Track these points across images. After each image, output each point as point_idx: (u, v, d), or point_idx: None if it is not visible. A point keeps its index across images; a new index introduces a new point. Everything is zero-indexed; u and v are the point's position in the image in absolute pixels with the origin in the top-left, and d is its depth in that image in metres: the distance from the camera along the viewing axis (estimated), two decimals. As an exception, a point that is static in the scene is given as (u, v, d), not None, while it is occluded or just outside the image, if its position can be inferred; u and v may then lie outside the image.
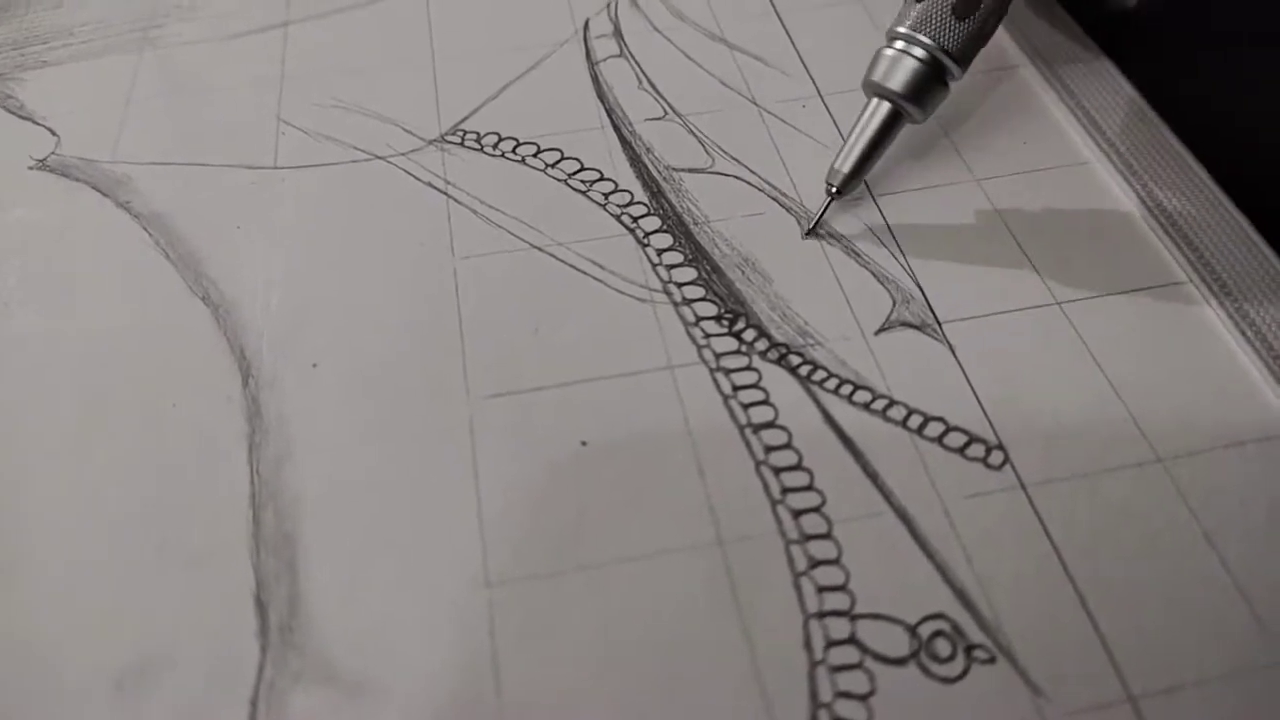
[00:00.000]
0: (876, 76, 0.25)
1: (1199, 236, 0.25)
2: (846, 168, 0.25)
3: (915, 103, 0.25)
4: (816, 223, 0.26)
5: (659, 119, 0.29)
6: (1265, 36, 0.31)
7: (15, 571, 0.21)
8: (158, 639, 0.20)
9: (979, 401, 0.22)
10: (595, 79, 0.31)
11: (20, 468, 0.22)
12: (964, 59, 0.25)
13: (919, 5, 0.25)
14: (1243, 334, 0.23)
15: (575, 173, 0.28)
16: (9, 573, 0.21)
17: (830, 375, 0.23)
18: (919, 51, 0.24)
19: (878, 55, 0.25)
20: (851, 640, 0.19)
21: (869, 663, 0.19)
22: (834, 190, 0.25)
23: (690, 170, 0.28)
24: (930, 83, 0.25)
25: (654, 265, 0.25)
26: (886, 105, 0.25)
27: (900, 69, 0.24)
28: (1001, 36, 0.31)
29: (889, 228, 0.26)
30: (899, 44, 0.25)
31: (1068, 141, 0.28)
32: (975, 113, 0.29)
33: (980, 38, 0.25)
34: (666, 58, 0.31)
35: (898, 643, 0.19)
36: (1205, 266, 0.24)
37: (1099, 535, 0.20)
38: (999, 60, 0.31)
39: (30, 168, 0.29)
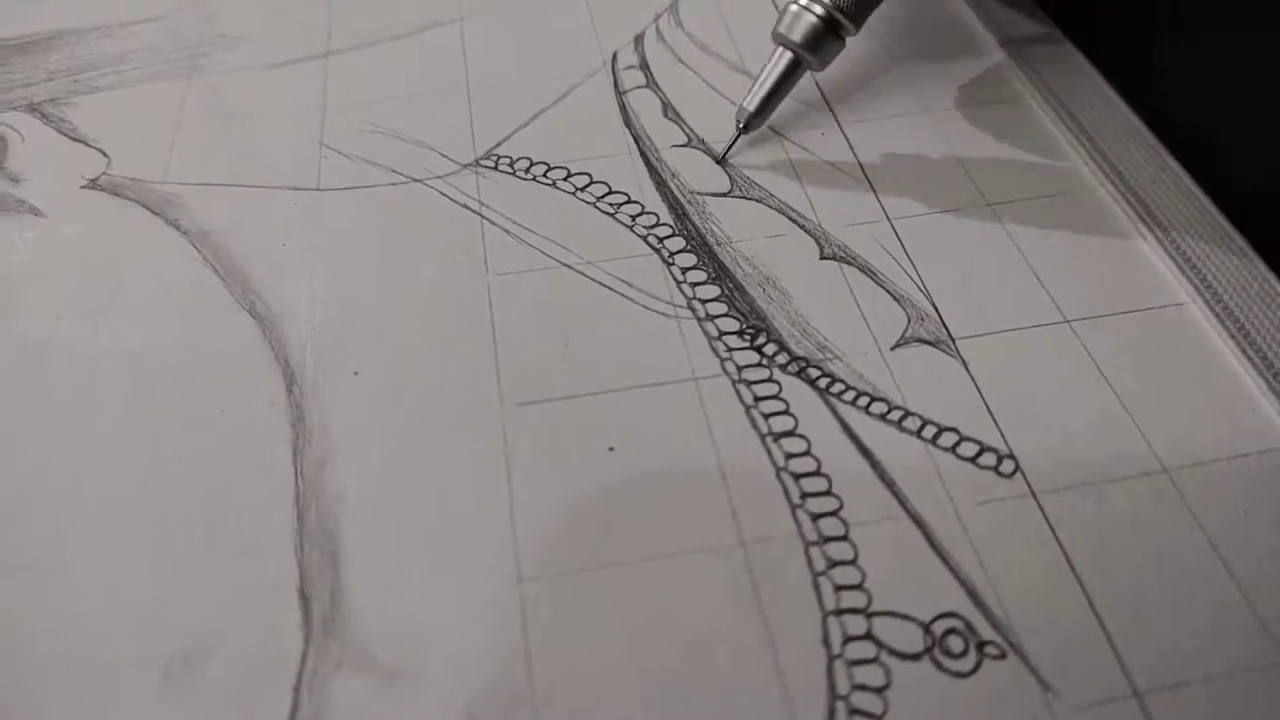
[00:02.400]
0: (781, 29, 0.29)
1: (1201, 259, 0.26)
2: (752, 106, 0.29)
3: (812, 52, 0.28)
4: (725, 154, 0.30)
5: (684, 146, 0.30)
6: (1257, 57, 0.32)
7: (70, 565, 0.22)
8: (205, 629, 0.20)
9: (991, 413, 0.23)
10: (623, 107, 0.32)
11: (76, 468, 0.23)
12: (856, 18, 0.28)
13: None
14: (1243, 351, 0.24)
15: (604, 196, 0.29)
16: (64, 566, 0.22)
17: (848, 388, 0.24)
18: (818, 9, 0.28)
19: (784, 10, 0.29)
20: (868, 636, 0.20)
21: (885, 657, 0.20)
22: (741, 126, 0.29)
23: (713, 194, 0.29)
24: (826, 36, 0.28)
25: (679, 283, 0.26)
26: (789, 54, 0.29)
27: (801, 23, 0.28)
28: (1009, 69, 0.32)
29: (904, 249, 0.27)
30: (802, 1, 0.28)
31: (1074, 170, 0.29)
32: (986, 141, 0.30)
33: (872, 1, 0.28)
34: (691, 88, 0.33)
35: (912, 639, 0.20)
36: (1207, 287, 0.25)
37: (1106, 540, 0.21)
38: (1007, 93, 0.32)
39: (82, 187, 0.30)
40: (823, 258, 0.27)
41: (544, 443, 0.23)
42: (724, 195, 0.29)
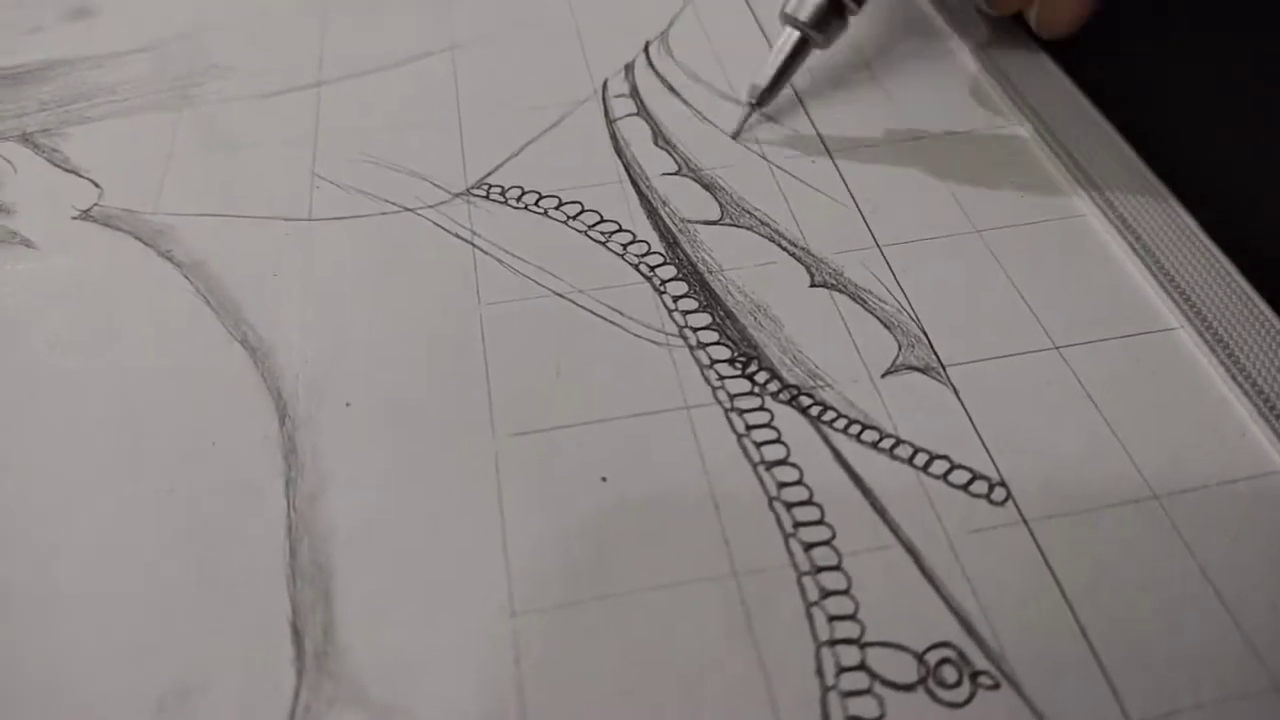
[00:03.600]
0: (789, 9, 0.31)
1: (1190, 284, 0.26)
2: (764, 83, 0.31)
3: (819, 31, 0.30)
4: (738, 131, 0.32)
5: (674, 174, 0.31)
6: (1243, 79, 0.33)
7: (61, 598, 0.21)
8: (198, 664, 0.20)
9: (982, 440, 0.23)
10: (613, 136, 0.32)
11: (67, 500, 0.23)
12: None
13: None
14: (1232, 377, 0.24)
15: (595, 224, 0.29)
16: (55, 600, 0.21)
17: (839, 415, 0.24)
18: None
19: None
20: (861, 667, 0.20)
21: (878, 688, 0.20)
22: (753, 102, 0.31)
23: (704, 222, 0.29)
24: (830, 15, 0.30)
25: (670, 311, 0.27)
26: (796, 33, 0.31)
27: (808, 3, 0.30)
28: (999, 97, 0.33)
29: (895, 276, 0.27)
30: None
31: (1064, 197, 0.29)
32: (975, 168, 0.30)
33: None
34: (681, 116, 0.33)
35: (906, 669, 0.20)
36: (1196, 313, 0.26)
37: (1098, 568, 0.21)
38: (996, 120, 0.32)
39: (74, 218, 0.30)
40: (813, 285, 0.27)
41: (537, 473, 0.23)
42: (714, 223, 0.29)
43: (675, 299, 0.27)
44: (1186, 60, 0.34)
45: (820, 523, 0.22)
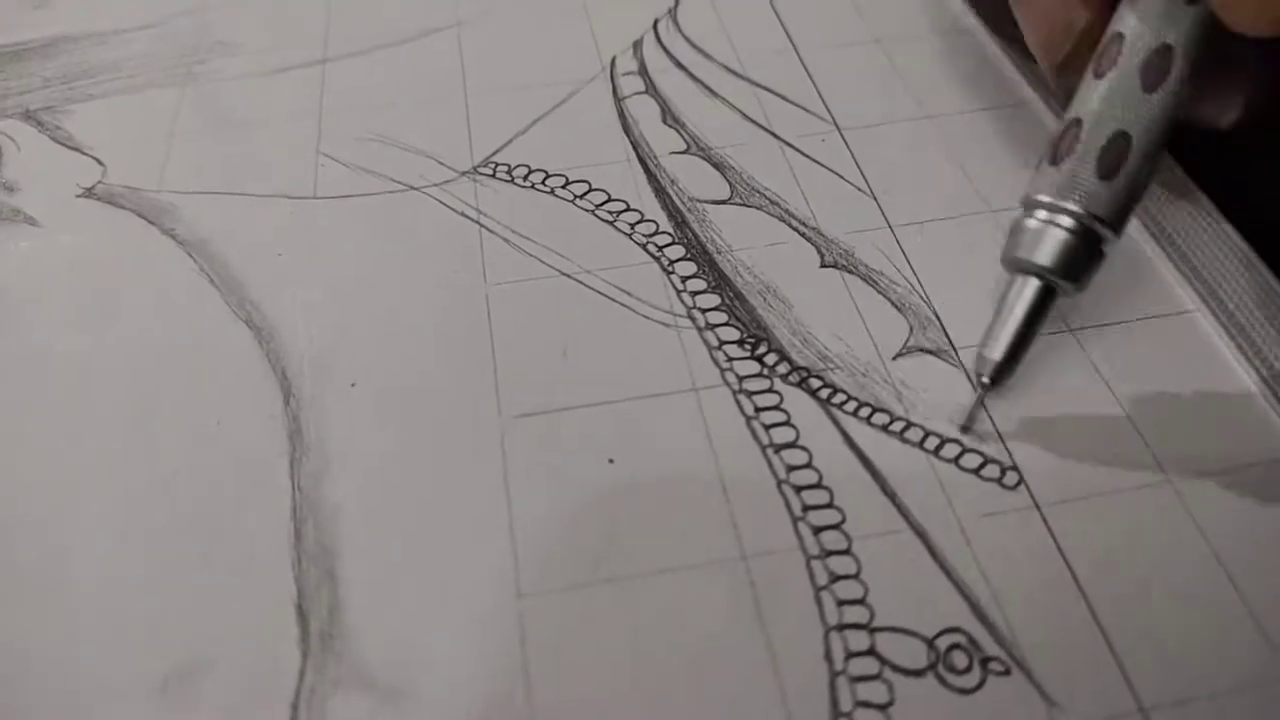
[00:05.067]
0: (1021, 252, 0.22)
1: (1206, 267, 0.26)
2: (997, 356, 0.22)
3: (1069, 279, 0.22)
4: (968, 423, 0.23)
5: (683, 152, 0.30)
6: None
7: (65, 579, 0.21)
8: (202, 645, 0.20)
9: (994, 423, 0.23)
10: (621, 114, 0.32)
11: (71, 480, 0.23)
12: (1117, 225, 0.22)
13: (1057, 169, 0.22)
14: (1248, 360, 0.24)
15: (602, 203, 0.29)
16: (59, 580, 0.21)
17: (850, 398, 0.24)
18: (1066, 221, 0.22)
19: (1016, 227, 0.22)
20: (871, 652, 0.20)
21: (888, 674, 0.19)
22: (985, 382, 0.23)
23: (713, 201, 0.29)
24: (1081, 259, 0.22)
25: (678, 292, 0.26)
26: (1035, 282, 0.22)
27: (1047, 242, 0.22)
28: (1012, 74, 0.32)
29: (906, 257, 0.27)
30: (1041, 215, 0.22)
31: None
32: (989, 147, 0.30)
33: (1131, 198, 0.22)
34: (690, 94, 0.32)
35: (916, 655, 0.20)
36: (1212, 296, 0.25)
37: (1111, 553, 0.21)
38: (1010, 98, 0.32)
39: (78, 195, 0.30)
40: (824, 266, 0.27)
41: (543, 455, 0.23)
42: (723, 203, 0.29)
43: (684, 279, 0.27)
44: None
45: (830, 506, 0.22)
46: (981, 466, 0.22)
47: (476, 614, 0.21)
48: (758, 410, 0.24)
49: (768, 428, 0.23)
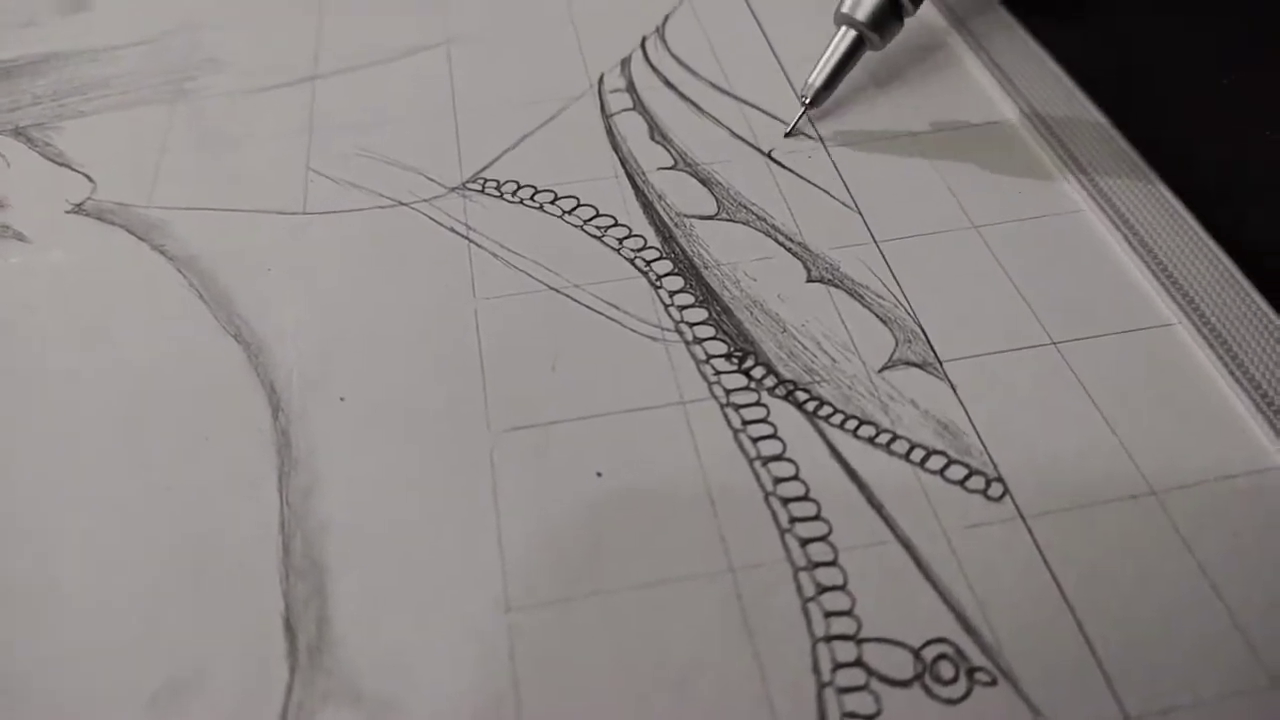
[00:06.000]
0: (845, 9, 0.31)
1: (1188, 280, 0.26)
2: (819, 81, 0.31)
3: (876, 31, 0.31)
4: (791, 129, 0.32)
5: (670, 168, 0.30)
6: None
7: (55, 594, 0.21)
8: (191, 660, 0.20)
9: (979, 436, 0.23)
10: (609, 130, 0.32)
11: (60, 495, 0.23)
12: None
13: None
14: (1230, 373, 0.24)
15: (591, 219, 0.29)
16: (49, 595, 0.21)
17: (836, 411, 0.24)
18: None
19: None
20: (858, 663, 0.20)
21: (875, 684, 0.20)
22: (807, 101, 0.31)
23: (700, 216, 0.29)
24: (888, 16, 0.31)
25: (666, 306, 0.26)
26: (852, 33, 0.31)
27: (865, 3, 0.31)
28: (995, 92, 0.33)
29: (891, 271, 0.27)
30: None
31: (1060, 191, 0.29)
32: (971, 162, 0.30)
33: None
34: (677, 110, 0.33)
35: (902, 665, 0.20)
36: (1194, 309, 0.25)
37: (1095, 564, 0.21)
38: (993, 115, 0.32)
39: (68, 211, 0.30)
40: (810, 280, 0.27)
41: (532, 468, 0.23)
42: (711, 218, 0.29)
43: (671, 294, 0.27)
44: (1178, 48, 0.34)
45: (817, 518, 0.22)
46: (967, 478, 0.23)
47: (465, 627, 0.21)
48: (745, 423, 0.24)
49: (755, 440, 0.23)
